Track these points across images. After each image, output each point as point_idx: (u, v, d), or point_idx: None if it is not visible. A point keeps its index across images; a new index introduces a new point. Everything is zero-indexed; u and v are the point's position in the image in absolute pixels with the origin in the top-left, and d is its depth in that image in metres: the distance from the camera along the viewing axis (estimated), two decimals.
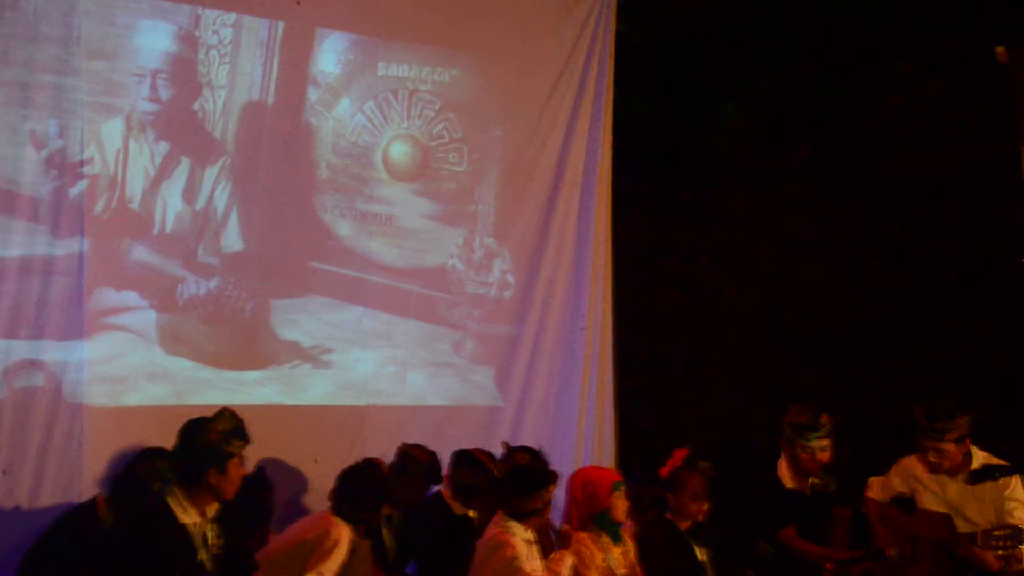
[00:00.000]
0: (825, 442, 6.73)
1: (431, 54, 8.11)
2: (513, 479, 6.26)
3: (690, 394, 9.34)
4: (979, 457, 6.47)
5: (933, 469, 6.51)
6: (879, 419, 8.12)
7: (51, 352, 6.71)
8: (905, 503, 6.61)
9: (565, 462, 7.68)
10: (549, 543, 6.72)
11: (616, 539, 6.36)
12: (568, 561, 6.07)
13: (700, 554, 6.52)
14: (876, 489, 6.77)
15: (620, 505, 6.32)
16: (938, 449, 6.44)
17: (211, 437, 5.32)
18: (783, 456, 6.89)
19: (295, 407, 7.58)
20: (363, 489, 6.35)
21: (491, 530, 6.11)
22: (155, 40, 7.11)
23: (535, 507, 6.16)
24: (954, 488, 6.47)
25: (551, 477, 6.34)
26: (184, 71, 7.21)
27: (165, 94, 7.12)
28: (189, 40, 7.22)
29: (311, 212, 7.70)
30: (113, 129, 6.95)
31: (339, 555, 6.09)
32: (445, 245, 8.23)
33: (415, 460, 6.93)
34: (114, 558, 5.29)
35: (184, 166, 7.19)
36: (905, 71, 8.80)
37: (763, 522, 6.83)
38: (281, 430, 7.39)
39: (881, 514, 6.67)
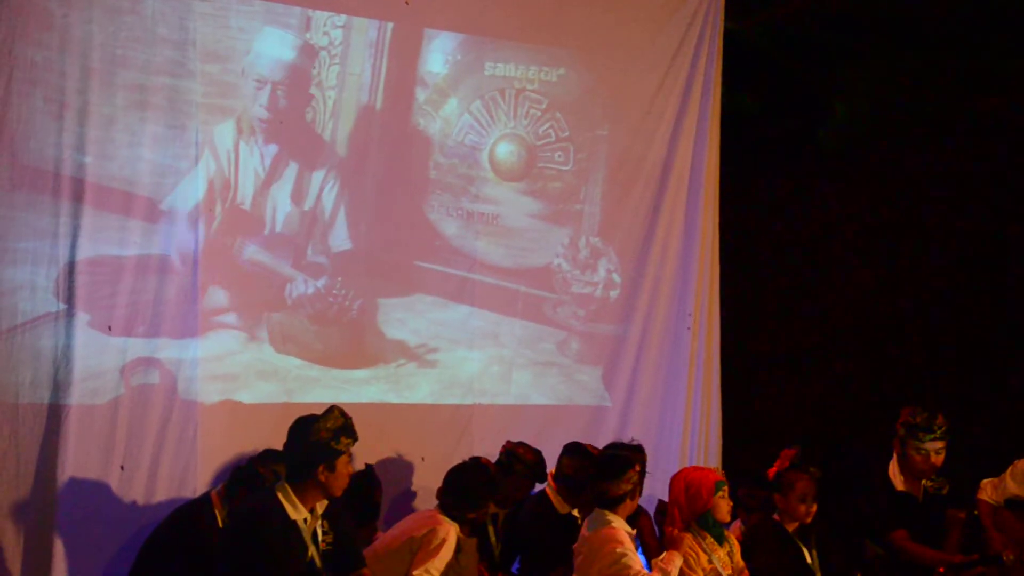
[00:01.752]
0: (940, 444, 6.62)
1: (538, 53, 8.12)
2: (599, 467, 6.20)
3: (798, 394, 9.24)
4: None
5: None
6: (993, 419, 7.97)
7: (166, 350, 6.84)
8: (1021, 506, 6.48)
9: (671, 462, 7.65)
10: (654, 543, 6.71)
11: (720, 540, 6.31)
12: (677, 561, 6.03)
13: (808, 556, 6.45)
14: (989, 491, 6.65)
15: (723, 505, 6.26)
16: None
17: (321, 435, 5.35)
18: (895, 457, 6.79)
19: (402, 406, 7.64)
20: (470, 488, 6.37)
21: (597, 523, 6.06)
22: (277, 49, 7.22)
23: (625, 490, 6.07)
24: None
25: (635, 455, 6.25)
26: (301, 81, 7.31)
27: (282, 103, 7.22)
28: (307, 51, 7.31)
29: (418, 211, 7.75)
30: (225, 131, 7.06)
31: (446, 553, 6.12)
32: (551, 245, 8.23)
33: (520, 459, 6.95)
34: (226, 553, 5.38)
35: (293, 167, 7.28)
36: (1016, 66, 8.59)
37: (874, 524, 6.75)
38: (388, 428, 7.47)
39: (995, 517, 6.55)
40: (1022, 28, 8.32)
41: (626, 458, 6.16)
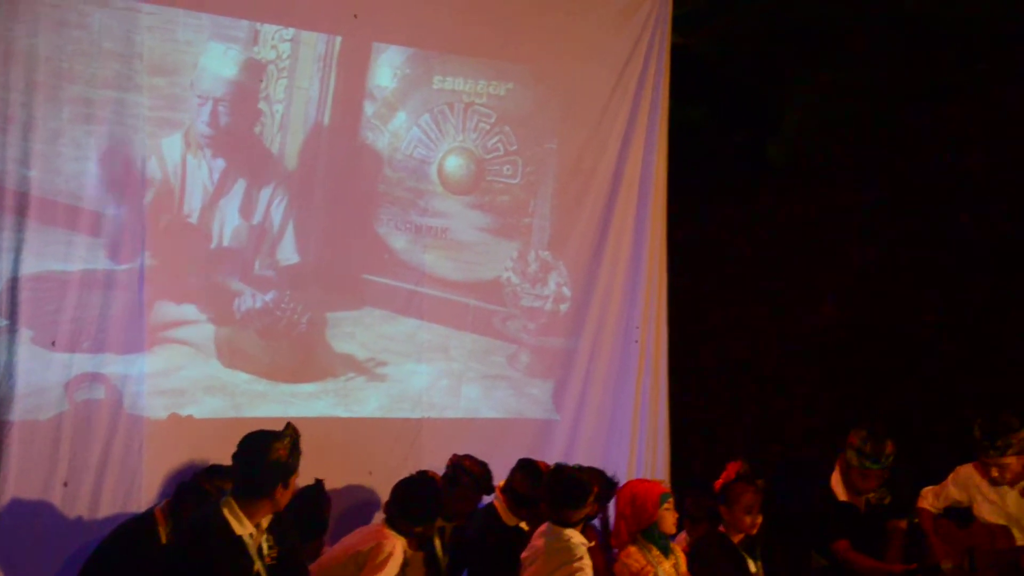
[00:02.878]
0: (884, 471, 6.72)
1: (487, 68, 8.14)
2: (560, 493, 6.25)
3: (743, 407, 9.30)
4: None
5: (994, 482, 6.45)
6: (933, 429, 8.06)
7: (112, 365, 6.79)
8: (960, 513, 6.56)
9: (619, 474, 7.66)
10: (600, 560, 6.73)
11: (666, 552, 6.35)
12: None
13: (753, 567, 6.50)
14: (930, 499, 6.73)
15: (668, 517, 6.31)
16: (1000, 465, 6.39)
17: (280, 454, 5.34)
18: (837, 469, 6.87)
19: (350, 419, 7.62)
20: (416, 501, 6.38)
21: (554, 535, 6.11)
22: (220, 65, 7.20)
23: (586, 514, 6.19)
24: (1013, 499, 6.42)
25: (594, 479, 6.36)
26: (247, 99, 7.29)
27: (224, 120, 7.20)
28: (253, 66, 7.30)
29: (367, 225, 7.75)
30: (172, 144, 7.04)
31: (392, 568, 6.11)
32: (500, 258, 8.25)
33: (467, 471, 6.96)
34: (171, 569, 5.36)
35: (241, 182, 7.26)
36: (967, 78, 8.71)
37: (817, 535, 6.82)
38: (336, 443, 7.43)
39: (936, 526, 6.62)
40: (967, 39, 8.45)
41: (587, 485, 6.24)
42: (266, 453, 5.32)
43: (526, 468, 6.96)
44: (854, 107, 9.17)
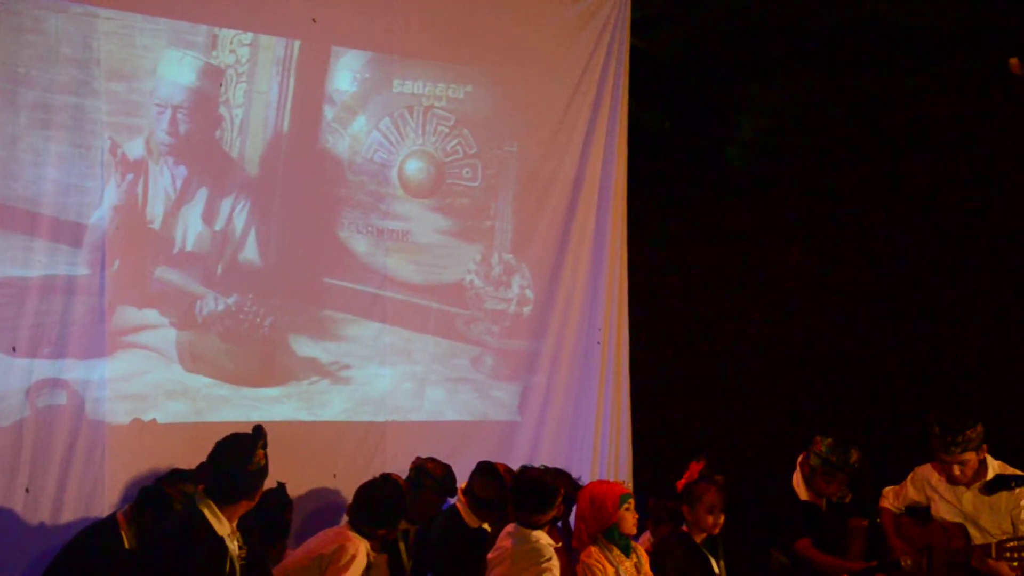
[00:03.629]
0: (847, 477, 6.78)
1: (446, 71, 8.16)
2: (525, 493, 6.30)
3: (705, 407, 9.35)
4: (994, 466, 6.47)
5: (953, 480, 6.51)
6: (893, 429, 8.12)
7: (73, 371, 6.77)
8: (920, 513, 6.62)
9: (583, 475, 7.69)
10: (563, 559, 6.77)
11: (627, 552, 6.38)
12: None
13: (716, 566, 6.54)
14: (891, 499, 6.78)
15: (628, 518, 6.34)
16: (960, 462, 6.44)
17: (261, 462, 5.39)
18: (798, 469, 6.92)
19: (314, 423, 7.62)
20: (379, 504, 6.39)
21: (522, 536, 6.15)
22: (178, 73, 7.18)
23: (552, 516, 6.26)
24: (969, 498, 6.47)
25: (560, 482, 6.42)
26: (206, 105, 7.27)
27: (183, 128, 7.18)
28: (212, 73, 7.29)
29: (328, 229, 7.75)
30: (133, 151, 7.02)
31: (355, 570, 6.12)
32: (462, 261, 8.26)
33: (429, 474, 6.97)
34: (151, 570, 5.34)
35: (203, 189, 7.25)
36: (919, 83, 8.79)
37: (778, 533, 6.87)
38: (300, 446, 7.45)
39: (896, 525, 6.69)
40: (924, 44, 8.53)
41: (555, 488, 6.30)
42: (247, 460, 5.35)
43: (485, 471, 6.97)
44: (813, 111, 9.23)
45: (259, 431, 5.44)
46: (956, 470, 6.44)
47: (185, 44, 7.22)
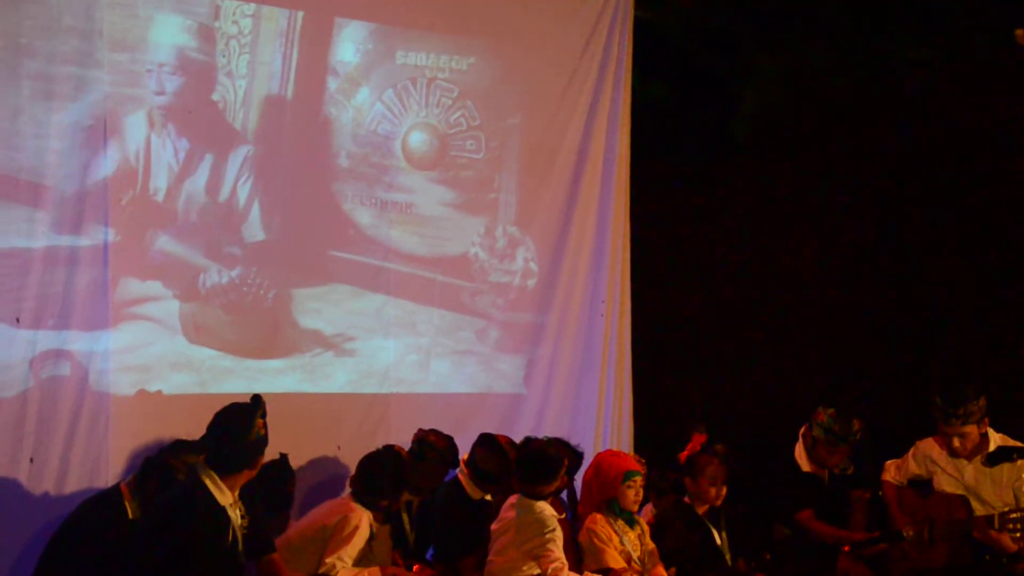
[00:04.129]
0: (850, 447, 6.79)
1: (449, 42, 8.13)
2: (529, 464, 6.32)
3: (707, 380, 9.34)
4: (995, 439, 6.49)
5: (954, 453, 6.52)
6: (896, 402, 8.12)
7: (77, 342, 6.76)
8: (922, 485, 6.64)
9: (585, 446, 7.70)
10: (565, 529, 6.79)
11: (631, 523, 6.42)
12: None
13: (718, 538, 6.57)
14: (893, 472, 6.80)
15: (629, 495, 6.38)
16: (961, 434, 6.44)
17: (261, 432, 5.43)
18: (800, 440, 6.93)
19: (318, 395, 7.63)
20: (382, 475, 6.43)
21: (526, 507, 6.18)
22: (164, 34, 7.11)
23: (556, 487, 6.28)
24: (971, 470, 6.49)
25: (564, 453, 6.44)
26: (192, 62, 7.20)
27: (170, 86, 7.10)
28: (202, 32, 7.23)
29: (331, 201, 7.73)
30: (136, 123, 6.99)
31: (358, 540, 6.17)
32: (467, 233, 8.25)
33: (432, 446, 6.99)
34: (153, 539, 5.35)
35: (207, 160, 7.22)
36: (925, 54, 8.74)
37: (780, 505, 6.89)
38: (305, 418, 7.45)
39: (898, 496, 6.70)
40: (930, 16, 8.50)
41: (558, 459, 6.32)
42: (247, 430, 5.39)
43: (486, 444, 6.99)
44: (819, 83, 9.19)
45: (257, 400, 5.47)
46: (956, 442, 6.46)
47: (187, 14, 7.17)
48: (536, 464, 6.33)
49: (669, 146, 9.20)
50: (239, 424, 5.41)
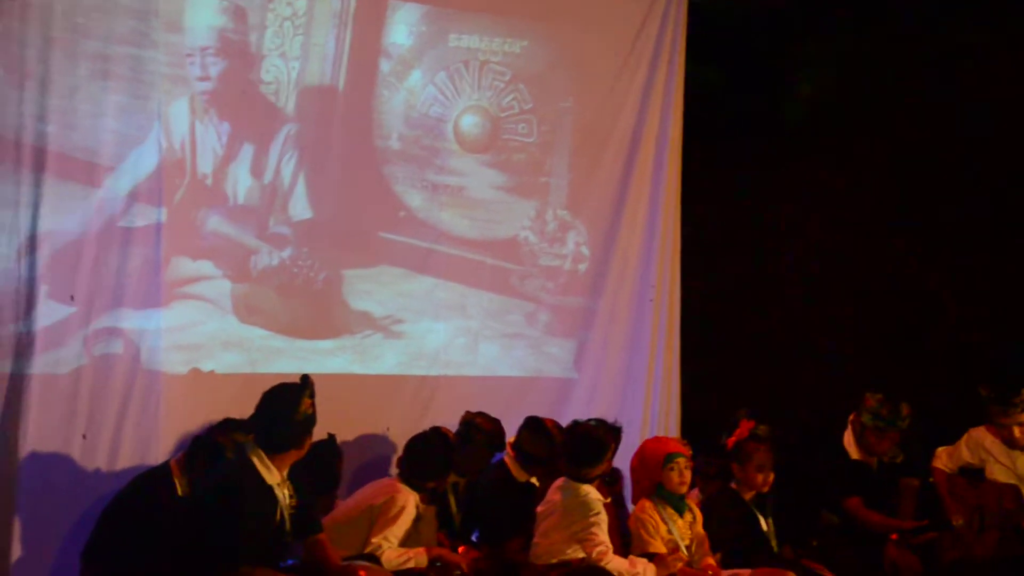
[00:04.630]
0: (899, 433, 6.73)
1: (502, 25, 8.11)
2: (576, 447, 6.32)
3: (756, 367, 9.28)
4: None
5: (1010, 444, 6.45)
6: (948, 391, 8.03)
7: (129, 320, 6.83)
8: (973, 474, 6.57)
9: (632, 432, 7.69)
10: (625, 513, 6.79)
11: (680, 510, 6.38)
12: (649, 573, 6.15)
13: (764, 524, 6.53)
14: (944, 459, 6.75)
15: (673, 477, 6.34)
16: (1020, 423, 6.37)
17: (308, 411, 5.49)
18: (849, 427, 6.88)
19: (367, 376, 7.67)
20: (429, 457, 6.46)
21: (571, 490, 6.17)
22: (202, 17, 7.13)
23: (602, 471, 6.27)
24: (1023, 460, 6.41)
25: (611, 436, 6.42)
26: (232, 44, 7.22)
27: (214, 70, 7.13)
28: (235, 13, 7.24)
29: (382, 183, 7.75)
30: (180, 110, 7.03)
31: (405, 521, 6.20)
32: (517, 217, 8.24)
33: (479, 428, 7.00)
34: (193, 518, 5.44)
35: (249, 143, 7.26)
36: (982, 38, 8.62)
37: (828, 492, 6.85)
38: (354, 399, 7.49)
39: (949, 485, 6.64)
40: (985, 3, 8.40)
41: (604, 442, 6.34)
42: (294, 409, 5.45)
43: (532, 427, 7.00)
44: (873, 68, 9.09)
45: (306, 380, 5.52)
46: (1017, 431, 6.39)
47: None
48: (582, 446, 6.33)
49: (721, 130, 9.13)
50: (286, 403, 5.46)
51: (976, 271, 8.83)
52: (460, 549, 6.57)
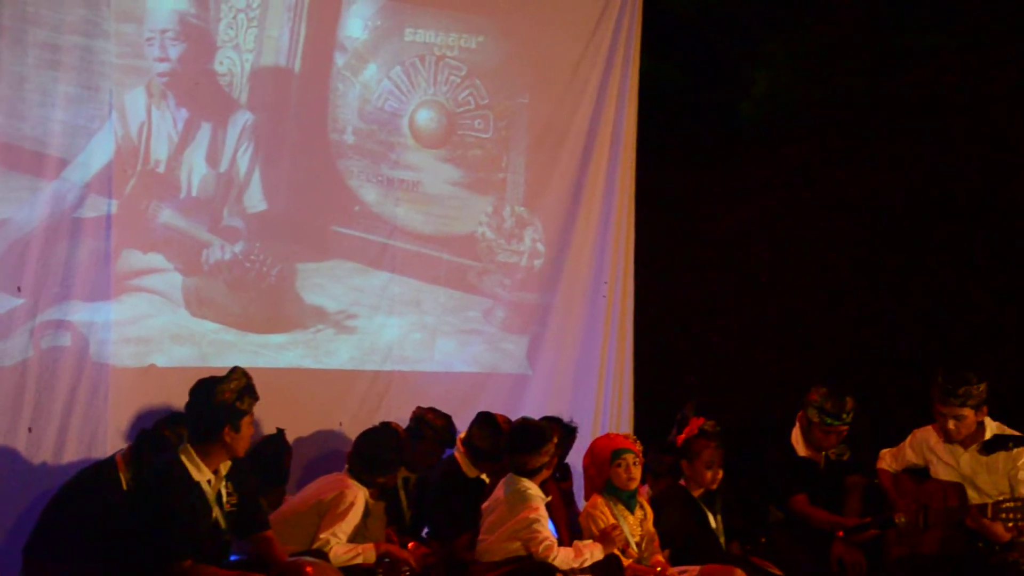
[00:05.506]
0: (845, 427, 6.74)
1: (458, 20, 8.10)
2: (517, 439, 6.28)
3: (707, 364, 9.32)
4: (992, 427, 6.42)
5: (948, 438, 6.44)
6: (893, 389, 8.08)
7: (78, 313, 6.78)
8: (918, 473, 6.60)
9: (585, 428, 7.70)
10: (562, 512, 6.76)
11: (631, 507, 6.36)
12: (597, 554, 6.11)
13: (712, 521, 6.54)
14: (888, 460, 6.75)
15: (621, 474, 6.30)
16: (957, 416, 6.35)
17: (225, 396, 5.41)
18: (797, 425, 6.89)
19: (320, 371, 7.65)
20: (379, 452, 6.43)
21: (513, 487, 6.16)
22: (178, 3, 7.13)
23: (542, 462, 6.20)
24: (967, 459, 6.43)
25: (553, 428, 6.39)
26: (193, 29, 7.19)
27: (174, 52, 7.11)
28: (211, 9, 7.24)
29: (336, 177, 7.73)
30: (137, 96, 6.99)
31: (353, 517, 6.18)
32: (474, 213, 8.23)
33: (429, 424, 6.99)
34: (132, 515, 5.42)
35: (206, 130, 7.23)
36: (935, 41, 8.68)
37: (775, 489, 6.86)
38: (306, 393, 7.49)
39: (894, 483, 6.66)
40: (941, 2, 8.43)
41: (544, 432, 6.27)
42: (211, 396, 5.40)
43: (483, 422, 6.97)
44: (829, 67, 9.13)
45: (232, 370, 5.47)
46: (951, 424, 6.36)
47: None
48: (524, 436, 6.27)
49: (678, 128, 9.15)
50: (203, 393, 5.43)
51: (937, 270, 8.89)
52: (410, 545, 6.55)
